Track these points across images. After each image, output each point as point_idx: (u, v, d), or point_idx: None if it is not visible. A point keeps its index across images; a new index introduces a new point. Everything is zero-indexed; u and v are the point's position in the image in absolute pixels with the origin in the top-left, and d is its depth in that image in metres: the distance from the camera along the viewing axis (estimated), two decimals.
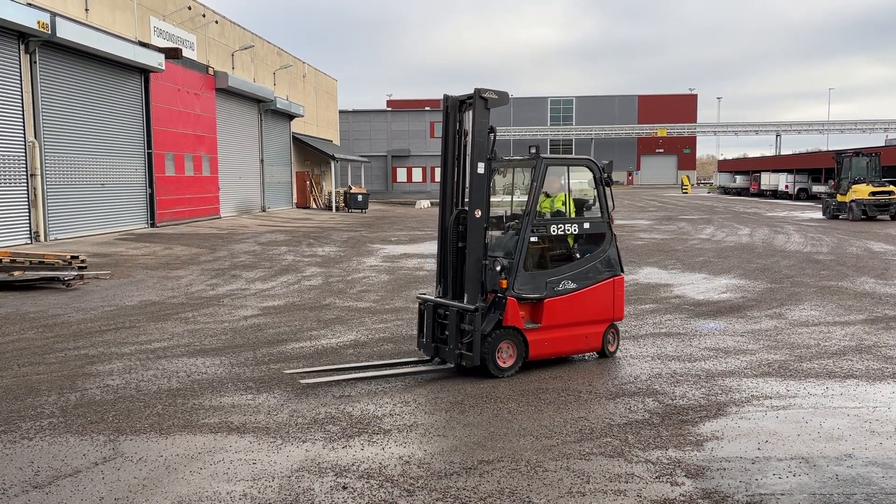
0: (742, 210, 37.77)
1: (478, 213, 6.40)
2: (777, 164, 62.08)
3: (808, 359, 7.14)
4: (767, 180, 57.94)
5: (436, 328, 6.67)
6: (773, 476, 4.30)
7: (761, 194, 58.22)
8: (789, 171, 55.47)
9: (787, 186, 54.34)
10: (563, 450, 4.73)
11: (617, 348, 7.27)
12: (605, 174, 7.11)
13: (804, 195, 51.99)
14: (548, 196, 7.30)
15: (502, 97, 6.57)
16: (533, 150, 6.76)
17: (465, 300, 6.46)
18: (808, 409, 5.59)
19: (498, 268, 6.49)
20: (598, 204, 7.12)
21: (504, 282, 6.44)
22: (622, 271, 7.21)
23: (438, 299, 6.74)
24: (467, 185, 6.64)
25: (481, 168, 6.46)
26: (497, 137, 6.72)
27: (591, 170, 7.13)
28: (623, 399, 5.82)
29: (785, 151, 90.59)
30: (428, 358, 6.81)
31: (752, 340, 7.95)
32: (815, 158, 54.87)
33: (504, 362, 6.42)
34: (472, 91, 6.48)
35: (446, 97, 6.77)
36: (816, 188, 50.27)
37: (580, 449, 4.74)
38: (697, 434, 5.03)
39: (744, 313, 9.55)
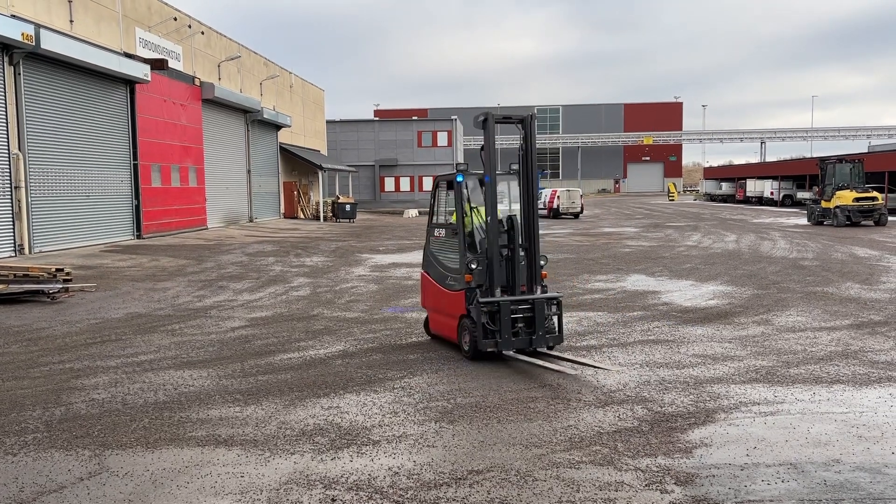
0: (728, 217, 38.03)
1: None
2: (762, 171, 62.62)
3: (795, 364, 7.18)
4: (753, 187, 58.46)
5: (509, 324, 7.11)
6: (762, 482, 4.32)
7: (747, 201, 58.73)
8: (774, 178, 55.98)
9: (772, 193, 54.85)
10: (552, 458, 4.72)
11: None
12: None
13: (789, 201, 52.49)
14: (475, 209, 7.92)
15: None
16: (515, 167, 7.57)
17: (539, 292, 7.36)
18: (795, 414, 5.61)
19: (543, 262, 7.50)
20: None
21: (545, 273, 7.61)
22: None
23: (512, 297, 7.25)
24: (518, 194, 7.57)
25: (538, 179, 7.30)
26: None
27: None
28: (612, 407, 5.83)
29: (769, 158, 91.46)
30: (513, 351, 7.20)
31: (739, 347, 7.99)
32: (799, 165, 55.39)
33: None
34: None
35: (488, 115, 7.38)
36: (801, 194, 50.77)
37: (570, 458, 4.74)
38: (686, 441, 5.03)
39: (731, 320, 9.60)
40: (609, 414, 5.64)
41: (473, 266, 7.30)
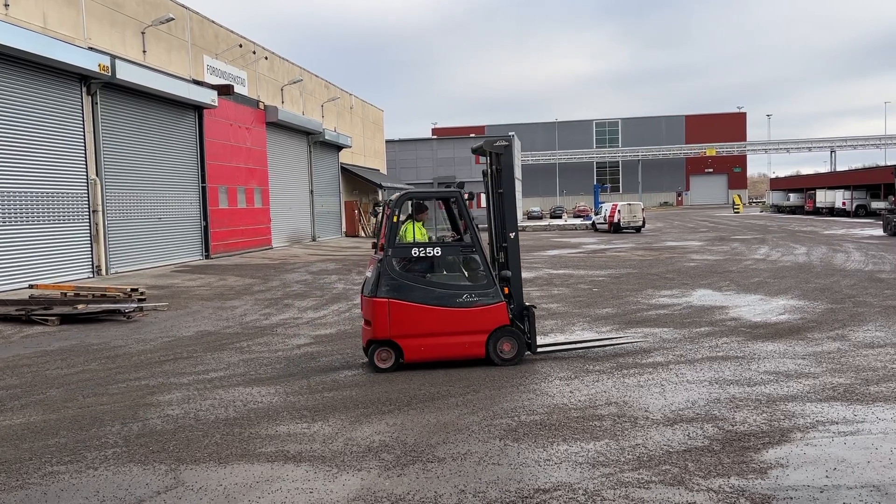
0: (797, 229, 36.81)
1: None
2: (832, 180, 60.46)
3: (875, 382, 6.88)
4: (823, 197, 56.53)
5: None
6: None
7: (817, 212, 56.79)
8: (846, 188, 54.00)
9: (844, 203, 52.91)
10: (620, 478, 4.64)
11: None
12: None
13: (863, 212, 50.51)
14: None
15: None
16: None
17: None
18: (877, 434, 5.37)
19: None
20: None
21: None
22: None
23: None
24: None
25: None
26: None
27: None
28: (681, 425, 5.69)
29: (840, 168, 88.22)
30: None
31: (814, 363, 7.70)
32: (872, 174, 53.28)
33: None
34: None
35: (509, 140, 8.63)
36: (876, 204, 48.81)
37: (638, 477, 4.65)
38: (761, 461, 4.87)
39: (804, 335, 9.27)
40: (678, 432, 5.51)
41: (509, 276, 7.98)
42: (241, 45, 27.96)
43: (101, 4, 19.48)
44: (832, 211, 54.46)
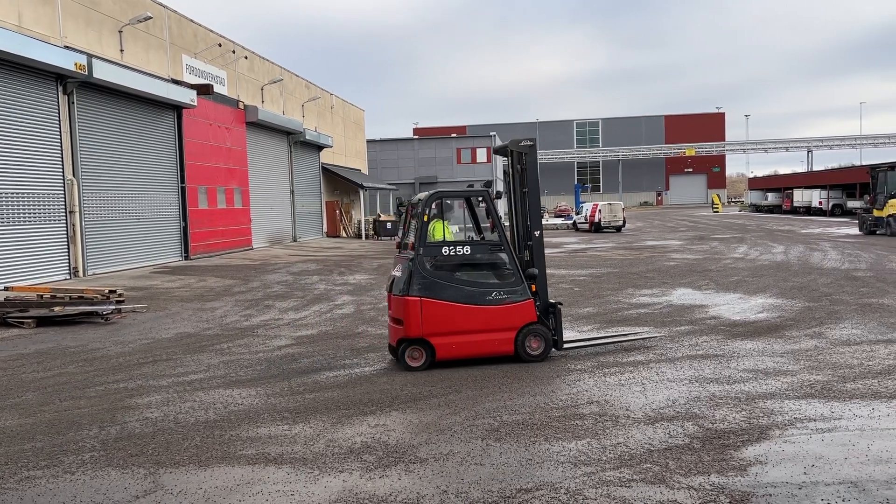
0: (775, 228, 37.23)
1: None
2: (810, 180, 61.24)
3: (851, 379, 6.97)
4: (800, 197, 57.27)
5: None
6: (822, 502, 4.19)
7: (794, 211, 57.49)
8: (823, 187, 54.71)
9: (820, 203, 53.62)
10: (602, 477, 4.66)
11: None
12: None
13: (839, 211, 51.23)
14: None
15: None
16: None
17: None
18: (854, 431, 5.44)
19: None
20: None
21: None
22: None
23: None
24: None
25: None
26: None
27: None
28: (662, 423, 5.73)
29: (816, 167, 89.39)
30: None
31: (792, 361, 7.79)
32: (848, 173, 54.04)
33: None
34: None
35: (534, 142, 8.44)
36: (851, 204, 49.53)
37: (620, 476, 4.67)
38: (740, 459, 4.92)
39: (782, 333, 9.37)
40: (659, 431, 5.55)
41: (535, 274, 8.07)
42: (220, 45, 27.73)
43: (77, 3, 19.22)
44: (809, 210, 55.16)
